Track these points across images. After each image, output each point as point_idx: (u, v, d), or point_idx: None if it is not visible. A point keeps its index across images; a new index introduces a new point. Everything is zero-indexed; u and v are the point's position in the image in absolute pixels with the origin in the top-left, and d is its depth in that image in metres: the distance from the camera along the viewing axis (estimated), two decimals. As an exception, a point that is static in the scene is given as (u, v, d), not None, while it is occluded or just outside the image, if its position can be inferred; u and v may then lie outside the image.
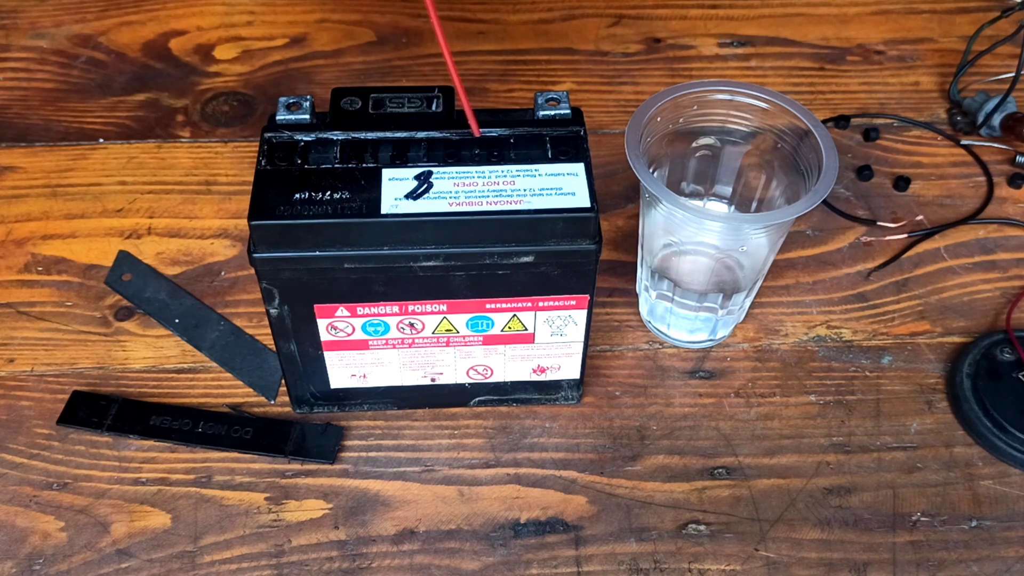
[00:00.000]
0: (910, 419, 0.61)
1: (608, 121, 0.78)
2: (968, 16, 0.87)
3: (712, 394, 0.62)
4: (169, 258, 0.68)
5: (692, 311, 0.62)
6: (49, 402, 0.61)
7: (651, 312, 0.64)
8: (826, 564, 0.55)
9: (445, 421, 0.60)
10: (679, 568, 0.55)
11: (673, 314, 0.62)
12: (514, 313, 0.55)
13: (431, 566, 0.54)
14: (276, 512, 0.56)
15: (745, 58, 0.83)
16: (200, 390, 0.61)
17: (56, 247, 0.69)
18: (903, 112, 0.79)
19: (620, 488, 0.58)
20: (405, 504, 0.57)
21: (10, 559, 0.54)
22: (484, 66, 0.82)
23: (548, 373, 0.59)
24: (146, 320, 0.65)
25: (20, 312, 0.65)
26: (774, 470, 0.59)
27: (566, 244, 0.51)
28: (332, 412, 0.60)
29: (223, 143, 0.76)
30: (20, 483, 0.57)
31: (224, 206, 0.72)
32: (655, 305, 0.63)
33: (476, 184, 0.51)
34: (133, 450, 0.59)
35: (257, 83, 0.81)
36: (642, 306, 0.65)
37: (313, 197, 0.50)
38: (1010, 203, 0.73)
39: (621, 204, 0.72)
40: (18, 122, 0.77)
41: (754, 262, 0.60)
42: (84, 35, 0.84)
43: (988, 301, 0.67)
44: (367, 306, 0.54)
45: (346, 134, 0.53)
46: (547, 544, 0.55)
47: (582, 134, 0.53)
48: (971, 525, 0.56)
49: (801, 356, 0.64)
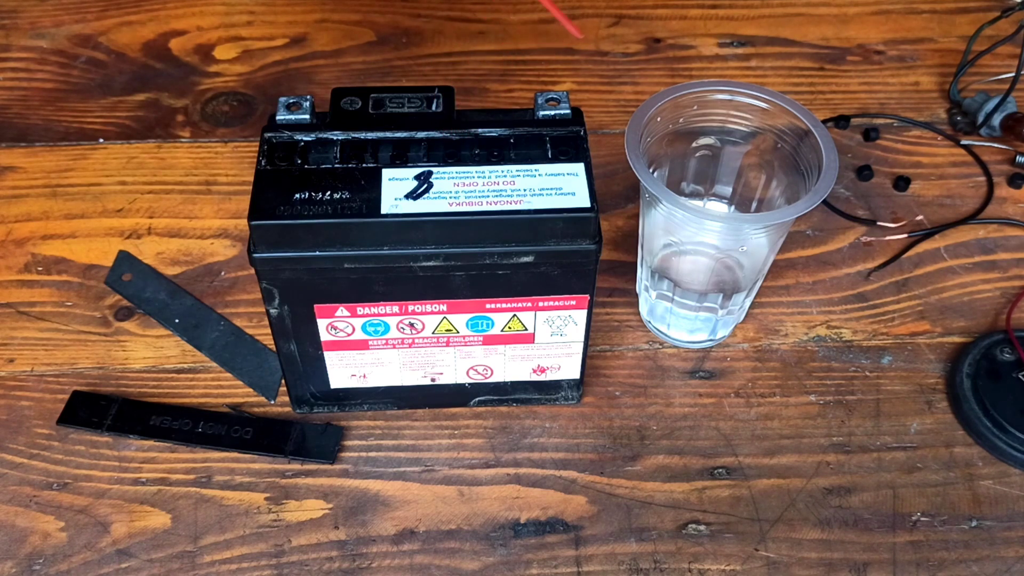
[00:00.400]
0: (910, 419, 0.61)
1: (608, 121, 0.78)
2: (968, 16, 0.87)
3: (712, 394, 0.62)
4: (169, 258, 0.68)
5: (692, 311, 0.62)
6: (49, 402, 0.61)
7: (651, 312, 0.64)
8: (826, 564, 0.55)
9: (445, 421, 0.60)
10: (679, 568, 0.55)
11: (673, 314, 0.62)
12: (514, 313, 0.55)
13: (431, 566, 0.54)
14: (276, 512, 0.56)
15: (745, 58, 0.83)
16: (200, 390, 0.61)
17: (56, 247, 0.69)
18: (903, 112, 0.79)
19: (620, 488, 0.58)
20: (405, 504, 0.57)
21: (10, 559, 0.54)
22: (484, 66, 0.82)
23: (548, 373, 0.59)
24: (146, 320, 0.65)
25: (20, 312, 0.65)
26: (774, 470, 0.59)
27: (566, 244, 0.51)
28: (332, 412, 0.60)
29: (223, 143, 0.76)
30: (20, 483, 0.57)
31: (224, 206, 0.72)
32: (655, 305, 0.63)
33: (476, 184, 0.51)
34: (133, 450, 0.59)
35: (257, 83, 0.81)
36: (642, 306, 0.65)
37: (313, 197, 0.50)
38: (1010, 203, 0.73)
39: (621, 204, 0.72)
40: (18, 122, 0.77)
41: (754, 262, 0.60)
42: (84, 35, 0.84)
43: (988, 301, 0.67)
44: (367, 306, 0.54)
45: (346, 134, 0.53)
46: (547, 544, 0.55)
47: (582, 134, 0.53)
48: (971, 525, 0.56)
49: (801, 356, 0.64)
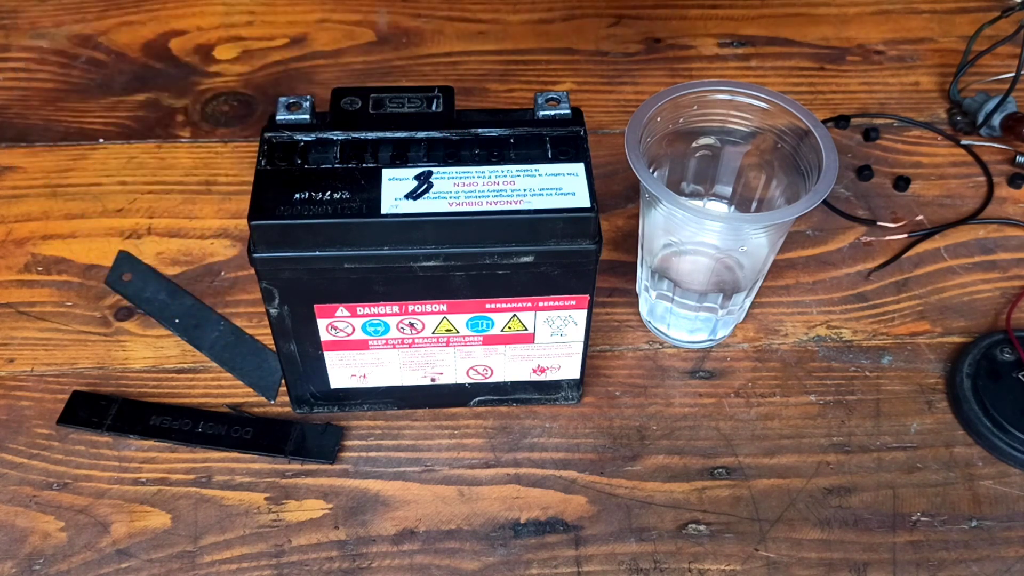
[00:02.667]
0: (910, 419, 0.61)
1: (608, 121, 0.78)
2: (968, 16, 0.87)
3: (712, 394, 0.62)
4: (169, 258, 0.68)
5: (692, 311, 0.62)
6: (49, 402, 0.61)
7: (651, 312, 0.64)
8: (826, 564, 0.55)
9: (445, 421, 0.60)
10: (679, 568, 0.55)
11: (673, 314, 0.62)
12: (514, 313, 0.55)
13: (431, 566, 0.54)
14: (276, 512, 0.56)
15: (745, 58, 0.83)
16: (200, 390, 0.61)
17: (56, 247, 0.69)
18: (903, 112, 0.79)
19: (620, 488, 0.58)
20: (405, 504, 0.57)
21: (10, 559, 0.54)
22: (484, 66, 0.82)
23: (548, 373, 0.59)
24: (146, 320, 0.65)
25: (20, 312, 0.65)
26: (774, 470, 0.59)
27: (566, 244, 0.51)
28: (332, 412, 0.60)
29: (223, 143, 0.76)
30: (20, 483, 0.57)
31: (224, 206, 0.72)
32: (655, 305, 0.63)
33: (476, 184, 0.51)
34: (133, 450, 0.59)
35: (257, 83, 0.81)
36: (642, 306, 0.65)
37: (313, 197, 0.50)
38: (1010, 203, 0.73)
39: (621, 204, 0.72)
40: (18, 122, 0.77)
41: (754, 262, 0.60)
42: (84, 35, 0.84)
43: (988, 301, 0.67)
44: (367, 306, 0.54)
45: (346, 134, 0.53)
46: (547, 544, 0.55)
47: (582, 134, 0.53)
48: (971, 525, 0.56)
49: (801, 356, 0.64)
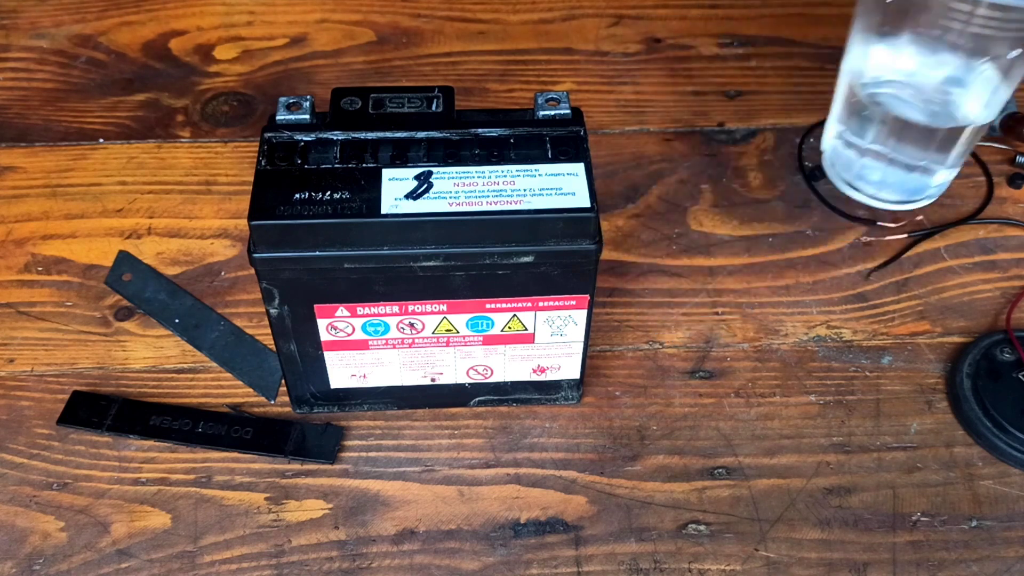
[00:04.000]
0: (910, 419, 0.61)
1: (608, 121, 0.78)
2: (968, 16, 0.87)
3: (712, 394, 0.62)
4: (169, 258, 0.68)
5: (911, 159, 0.60)
6: (49, 402, 0.61)
7: (838, 162, 0.62)
8: (826, 564, 0.55)
9: (445, 421, 0.60)
10: (679, 568, 0.55)
11: (876, 163, 0.61)
12: (514, 313, 0.55)
13: (431, 566, 0.54)
14: (276, 512, 0.56)
15: (745, 58, 0.83)
16: (200, 390, 0.61)
17: (56, 247, 0.69)
18: (903, 112, 0.79)
19: (620, 488, 0.58)
20: (405, 504, 0.57)
21: (10, 559, 0.54)
22: (484, 66, 0.82)
23: (548, 373, 0.59)
24: (146, 320, 0.65)
25: (20, 312, 0.65)
26: (774, 470, 0.59)
27: (566, 244, 0.51)
28: (332, 412, 0.60)
29: (223, 143, 0.76)
30: (20, 483, 0.57)
31: (224, 206, 0.72)
32: (851, 160, 0.61)
33: (476, 184, 0.51)
34: (133, 450, 0.59)
35: (257, 83, 0.81)
36: (827, 157, 0.63)
37: (313, 197, 0.50)
38: (1010, 203, 0.73)
39: (621, 204, 0.72)
40: (18, 122, 0.77)
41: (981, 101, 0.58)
42: (84, 35, 0.84)
43: (988, 301, 0.67)
44: (367, 306, 0.54)
45: (346, 134, 0.53)
46: (547, 544, 0.55)
47: (582, 134, 0.53)
48: (971, 525, 0.56)
49: (801, 356, 0.64)
